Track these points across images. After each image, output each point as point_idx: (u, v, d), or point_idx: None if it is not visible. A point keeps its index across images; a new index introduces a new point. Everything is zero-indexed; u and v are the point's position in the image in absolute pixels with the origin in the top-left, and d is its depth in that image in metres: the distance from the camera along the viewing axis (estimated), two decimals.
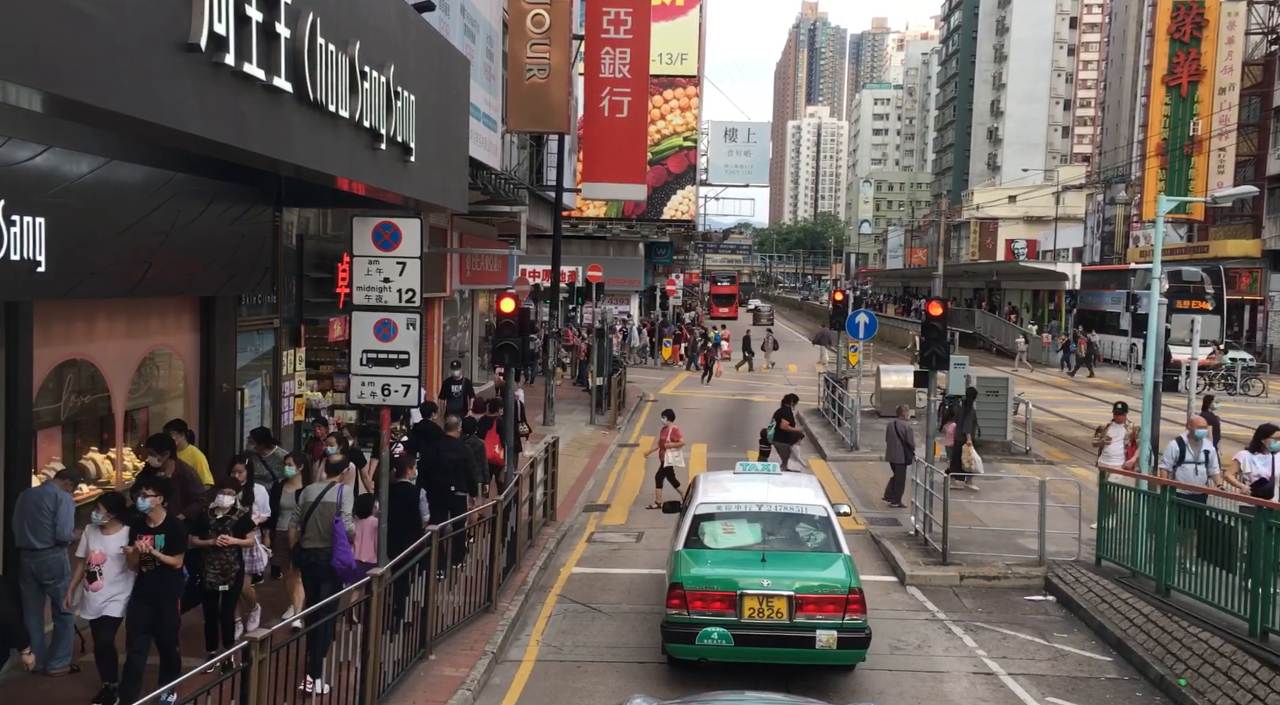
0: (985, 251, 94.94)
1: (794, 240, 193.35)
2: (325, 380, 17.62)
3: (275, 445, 12.44)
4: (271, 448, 12.22)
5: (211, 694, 6.67)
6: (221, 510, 9.73)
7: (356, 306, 11.10)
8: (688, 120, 54.51)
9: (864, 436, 24.13)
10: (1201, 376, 33.49)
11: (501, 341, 15.35)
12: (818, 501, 11.29)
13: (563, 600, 12.76)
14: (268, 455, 12.04)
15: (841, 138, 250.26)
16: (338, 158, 9.54)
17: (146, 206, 9.88)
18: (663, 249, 60.51)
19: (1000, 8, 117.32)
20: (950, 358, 18.20)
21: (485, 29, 22.88)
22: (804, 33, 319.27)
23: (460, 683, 9.69)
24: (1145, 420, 15.37)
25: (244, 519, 9.87)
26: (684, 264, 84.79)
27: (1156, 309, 15.33)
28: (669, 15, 51.55)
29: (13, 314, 9.11)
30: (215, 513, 9.73)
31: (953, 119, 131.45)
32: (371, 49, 9.87)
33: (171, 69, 6.63)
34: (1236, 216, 52.65)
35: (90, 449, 10.75)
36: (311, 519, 9.98)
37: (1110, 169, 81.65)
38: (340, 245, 15.19)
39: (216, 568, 9.65)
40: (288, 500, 10.92)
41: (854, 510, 16.56)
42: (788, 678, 10.17)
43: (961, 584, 13.68)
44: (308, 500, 10.15)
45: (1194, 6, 52.60)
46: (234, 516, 9.76)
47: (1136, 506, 13.01)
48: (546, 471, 15.95)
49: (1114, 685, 10.58)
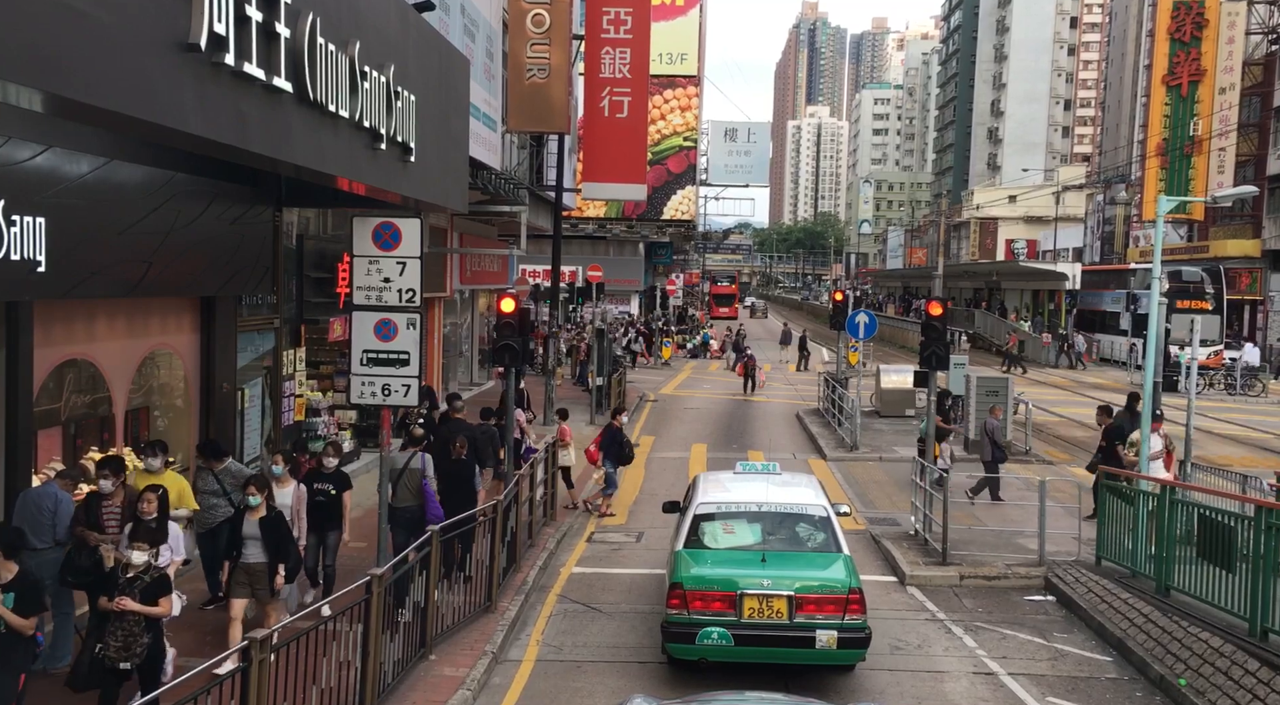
0: (985, 251, 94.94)
1: (794, 240, 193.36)
2: (325, 380, 17.63)
3: (228, 457, 11.36)
4: (224, 460, 11.22)
5: (211, 694, 6.67)
6: (133, 568, 7.93)
7: (356, 306, 11.11)
8: (688, 120, 54.51)
9: (864, 436, 24.14)
10: (1201, 376, 33.52)
11: (501, 341, 15.35)
12: (818, 501, 11.30)
13: (563, 600, 12.76)
14: (219, 469, 11.13)
15: (841, 138, 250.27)
16: (338, 158, 9.54)
17: (146, 206, 9.88)
18: (663, 249, 60.54)
19: (1000, 8, 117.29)
20: (950, 358, 18.24)
21: (485, 29, 22.88)
22: (804, 33, 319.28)
23: (460, 682, 9.69)
24: (1145, 420, 15.36)
25: (159, 581, 8.00)
26: (684, 264, 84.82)
27: (1156, 309, 15.34)
28: (669, 15, 51.56)
29: (13, 314, 9.11)
30: (125, 569, 7.97)
31: (953, 119, 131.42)
32: (371, 49, 9.87)
33: (171, 69, 6.63)
34: (1236, 216, 52.63)
35: (90, 449, 10.74)
36: (400, 482, 11.96)
37: (1110, 169, 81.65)
38: (340, 245, 15.20)
39: (119, 638, 7.79)
40: (250, 529, 9.69)
41: (854, 510, 16.56)
42: (788, 678, 10.17)
43: (961, 584, 13.68)
44: (395, 467, 11.98)
45: (1194, 6, 52.60)
46: (147, 577, 7.93)
47: (1136, 506, 13.01)
48: (546, 471, 15.95)
49: (1114, 685, 10.58)
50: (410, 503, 11.97)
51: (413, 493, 12.00)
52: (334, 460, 11.65)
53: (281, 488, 10.81)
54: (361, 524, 13.55)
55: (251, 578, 9.70)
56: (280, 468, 11.00)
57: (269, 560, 9.66)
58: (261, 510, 9.72)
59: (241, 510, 9.89)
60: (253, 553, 9.69)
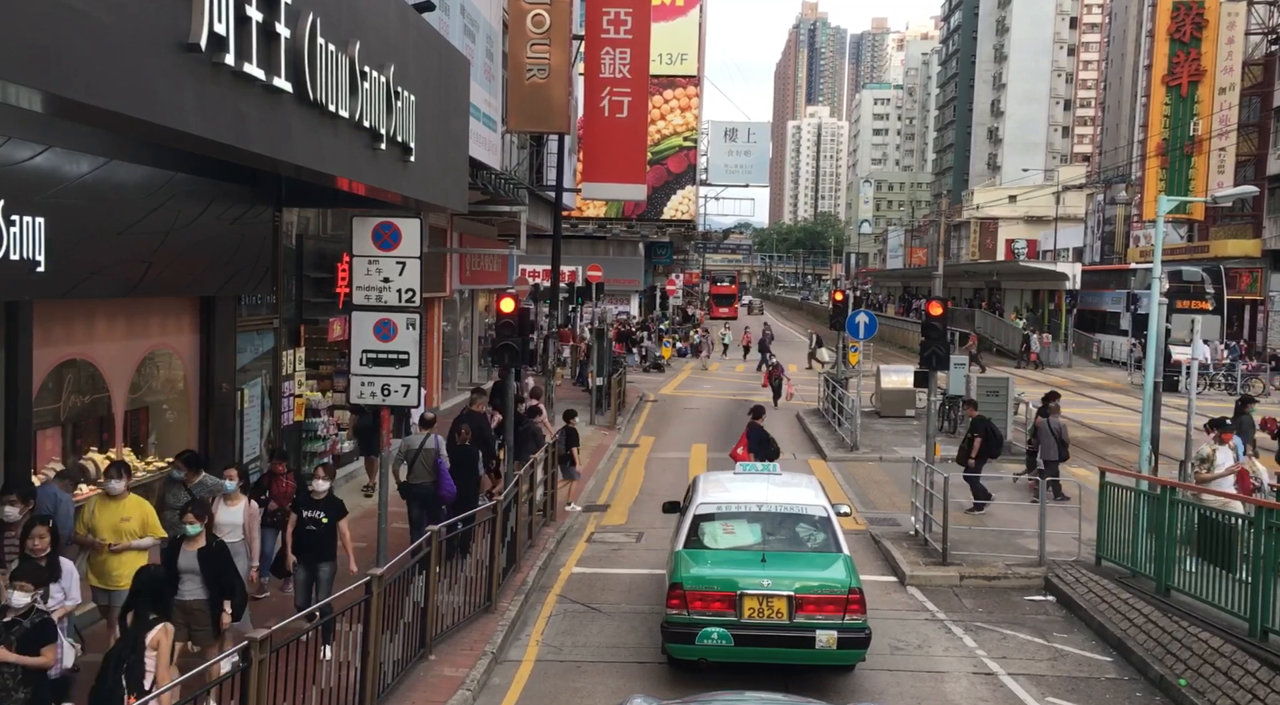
0: (985, 251, 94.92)
1: (794, 240, 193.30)
2: (325, 380, 17.61)
3: (202, 471, 10.42)
4: (200, 473, 10.34)
5: (211, 694, 6.67)
6: (12, 611, 6.99)
7: (356, 306, 11.11)
8: (688, 120, 54.52)
9: (864, 436, 24.14)
10: (1202, 377, 33.52)
11: (501, 341, 15.36)
12: (818, 502, 11.29)
13: (563, 600, 12.75)
14: (194, 483, 10.22)
15: (841, 138, 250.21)
16: (337, 158, 9.54)
17: (146, 206, 9.88)
18: (663, 249, 60.55)
19: (1000, 8, 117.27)
20: (951, 358, 18.23)
21: (485, 29, 22.88)
22: (804, 33, 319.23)
23: (460, 683, 9.69)
24: (1145, 420, 15.37)
25: (41, 626, 7.03)
26: (684, 264, 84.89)
27: (1156, 309, 15.34)
28: (669, 15, 51.56)
29: (13, 314, 9.10)
30: (3, 612, 7.05)
31: (953, 119, 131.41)
32: (371, 49, 9.87)
33: (171, 69, 6.63)
34: (1236, 216, 52.63)
35: (90, 449, 10.74)
36: (417, 461, 13.02)
37: (1110, 169, 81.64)
38: (340, 245, 15.19)
39: None
40: (188, 562, 8.69)
41: (854, 510, 16.56)
42: (788, 678, 10.16)
43: (961, 584, 13.67)
44: (411, 447, 13.12)
45: (1194, 6, 52.60)
46: (27, 621, 6.98)
47: (1136, 507, 13.01)
48: (546, 471, 15.95)
49: (1114, 685, 10.58)
50: (425, 479, 13.04)
51: (428, 470, 13.03)
52: (324, 483, 10.49)
53: (231, 505, 10.03)
54: (362, 524, 13.56)
55: (189, 617, 8.57)
56: (233, 483, 10.13)
57: (210, 597, 8.65)
58: (200, 541, 8.71)
59: (178, 540, 8.82)
60: (190, 589, 8.63)
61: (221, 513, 9.97)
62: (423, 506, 12.95)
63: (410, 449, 13.16)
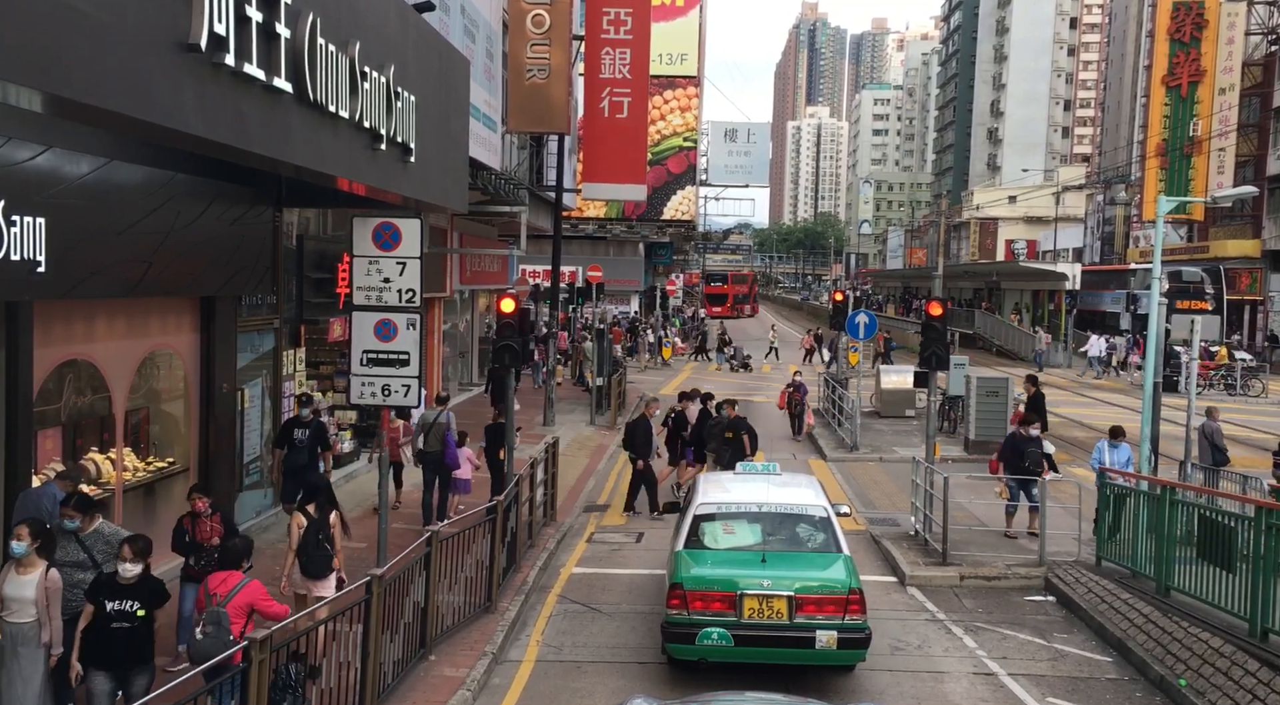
0: (985, 252, 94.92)
1: (794, 240, 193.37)
2: (325, 380, 17.63)
3: (99, 516, 8.49)
4: (95, 520, 8.34)
5: (212, 694, 6.67)
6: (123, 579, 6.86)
7: (356, 306, 11.11)
8: (688, 120, 54.49)
9: (864, 436, 24.14)
10: (1201, 377, 33.52)
11: (502, 341, 15.35)
12: (818, 502, 11.29)
13: (563, 600, 12.75)
14: (89, 531, 8.23)
15: (841, 138, 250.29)
16: (337, 158, 9.54)
17: (146, 206, 9.88)
18: (663, 249, 60.52)
19: (1000, 8, 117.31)
20: (950, 358, 18.22)
21: (485, 29, 22.89)
22: (804, 33, 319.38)
23: (460, 683, 9.69)
24: (1145, 420, 15.37)
25: None
26: (684, 264, 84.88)
27: (1156, 309, 15.34)
28: (669, 15, 51.53)
29: (13, 314, 9.10)
30: None
31: (953, 119, 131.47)
32: (371, 49, 9.87)
33: (171, 69, 6.64)
34: (1236, 217, 52.62)
35: (90, 449, 10.74)
36: (430, 432, 15.04)
37: (1110, 169, 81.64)
38: (340, 245, 15.20)
39: None
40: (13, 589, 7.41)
41: (854, 510, 16.56)
42: (788, 678, 10.16)
43: (961, 584, 13.67)
44: (426, 421, 15.17)
45: (1194, 7, 52.60)
46: None
47: (1136, 507, 13.02)
48: (546, 472, 15.95)
49: (1114, 685, 10.58)
50: (436, 449, 15.08)
51: (439, 440, 15.03)
52: (134, 566, 7.54)
53: (24, 573, 7.55)
54: (362, 523, 13.55)
55: None
56: (24, 544, 7.49)
57: None
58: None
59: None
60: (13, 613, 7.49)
61: (9, 584, 7.56)
62: (434, 471, 15.14)
63: (427, 422, 15.15)
